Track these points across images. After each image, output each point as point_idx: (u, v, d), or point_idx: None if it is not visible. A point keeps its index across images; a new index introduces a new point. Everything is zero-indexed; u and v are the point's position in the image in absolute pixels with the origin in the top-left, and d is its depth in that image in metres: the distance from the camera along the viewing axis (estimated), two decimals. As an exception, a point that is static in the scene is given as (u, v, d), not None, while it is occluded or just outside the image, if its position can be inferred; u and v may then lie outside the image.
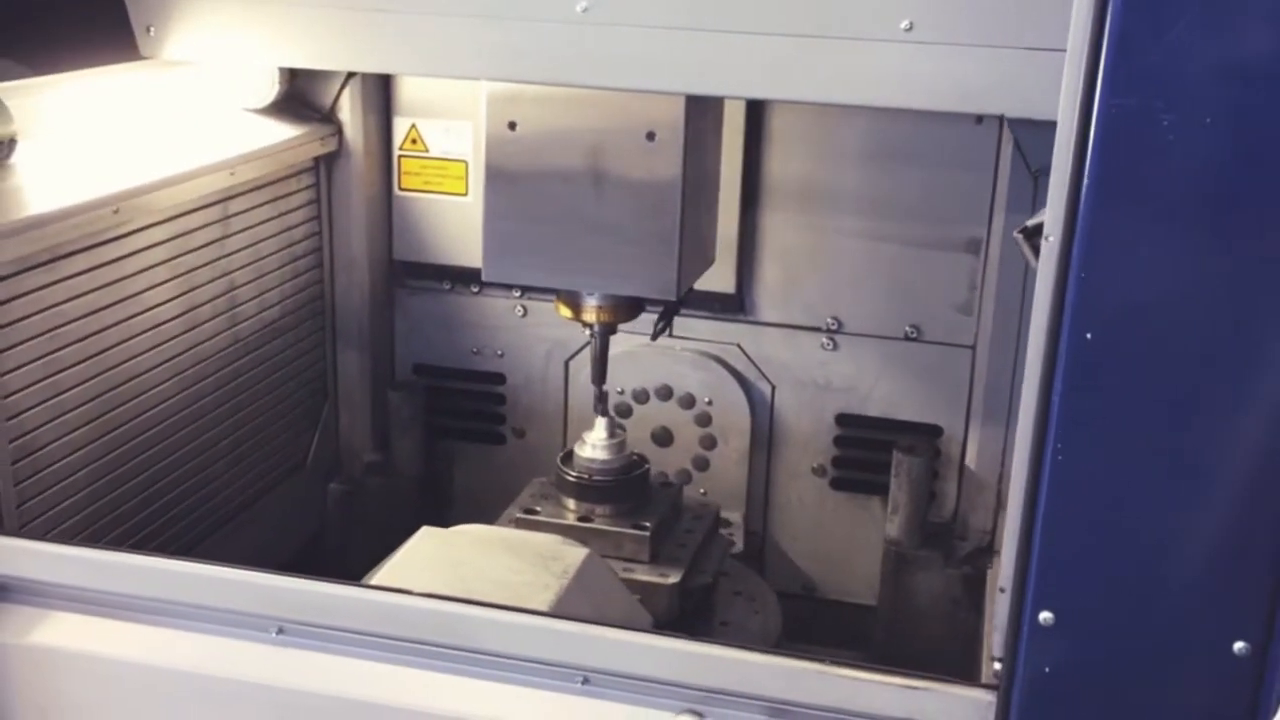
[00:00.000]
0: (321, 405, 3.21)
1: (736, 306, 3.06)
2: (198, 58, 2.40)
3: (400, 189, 3.19)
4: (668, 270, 2.43)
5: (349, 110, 3.04)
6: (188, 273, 2.64)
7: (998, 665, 1.63)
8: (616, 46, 2.00)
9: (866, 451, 3.08)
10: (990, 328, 2.87)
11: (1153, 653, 1.56)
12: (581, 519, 2.63)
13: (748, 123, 2.92)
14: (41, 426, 2.30)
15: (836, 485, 3.14)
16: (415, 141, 3.14)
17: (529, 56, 2.05)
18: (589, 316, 2.58)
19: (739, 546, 3.09)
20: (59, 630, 1.96)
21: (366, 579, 2.21)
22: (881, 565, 3.01)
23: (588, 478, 2.64)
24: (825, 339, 3.04)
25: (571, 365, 3.21)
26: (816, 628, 3.14)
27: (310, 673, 1.87)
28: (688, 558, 2.62)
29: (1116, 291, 1.45)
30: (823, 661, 1.72)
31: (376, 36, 2.12)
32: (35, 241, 2.19)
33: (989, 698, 1.64)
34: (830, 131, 2.91)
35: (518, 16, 2.03)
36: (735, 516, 3.13)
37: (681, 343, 3.12)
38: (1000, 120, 2.75)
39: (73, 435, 2.38)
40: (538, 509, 2.67)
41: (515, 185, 2.45)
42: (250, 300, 2.86)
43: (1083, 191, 1.43)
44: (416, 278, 3.25)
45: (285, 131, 2.90)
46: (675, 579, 2.54)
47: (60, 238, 2.25)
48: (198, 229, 2.65)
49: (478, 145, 2.90)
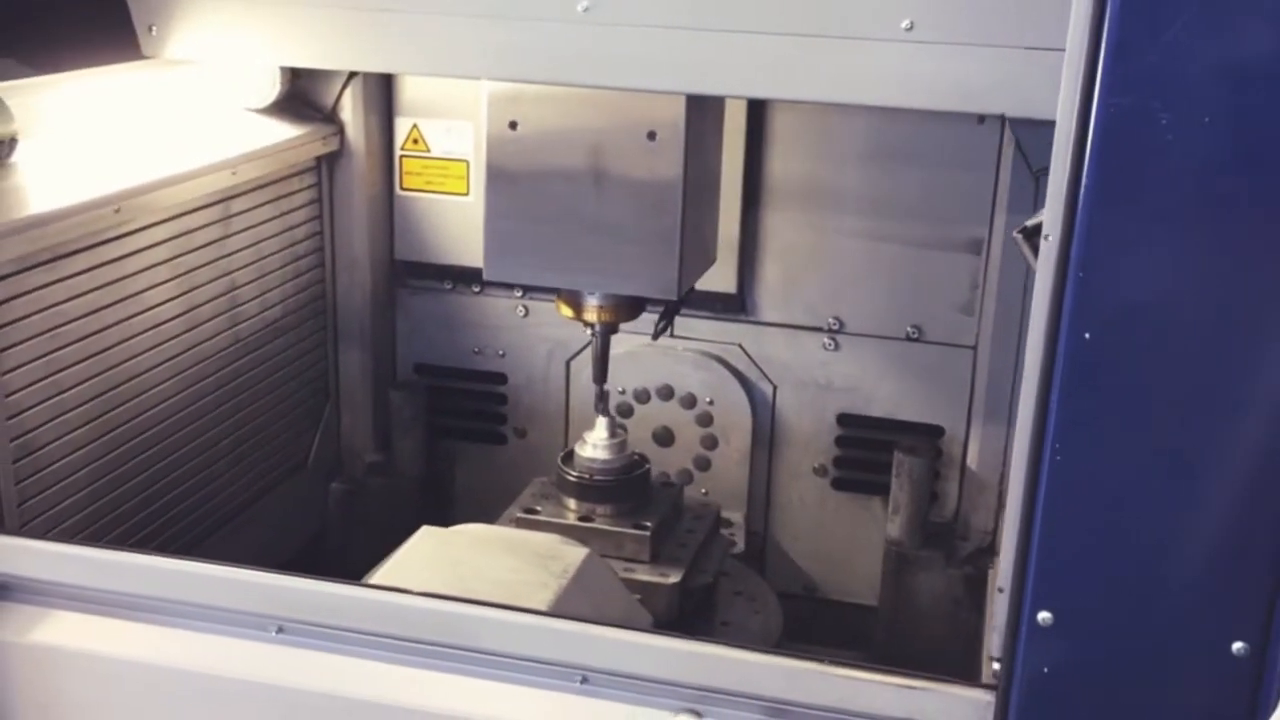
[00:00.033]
0: (323, 405, 3.21)
1: (738, 306, 3.06)
2: (199, 57, 2.40)
3: (402, 189, 3.19)
4: (669, 270, 2.43)
5: (350, 110, 3.05)
6: (189, 272, 2.64)
7: (996, 665, 1.63)
8: (618, 46, 2.00)
9: (868, 452, 3.08)
10: (992, 328, 2.87)
11: (1152, 653, 1.56)
12: (582, 519, 2.63)
13: (749, 122, 2.91)
14: (42, 426, 2.30)
15: (838, 485, 3.14)
16: (417, 141, 3.15)
17: (530, 56, 2.05)
18: (590, 316, 2.58)
19: (740, 546, 3.09)
20: (60, 629, 1.96)
21: (366, 578, 2.21)
22: (882, 565, 3.00)
23: (589, 477, 2.65)
24: (826, 339, 3.04)
25: (573, 365, 3.21)
26: (817, 628, 3.14)
27: (310, 672, 1.87)
28: (688, 558, 2.62)
29: (1115, 291, 1.45)
30: (821, 661, 1.72)
31: (378, 36, 2.12)
32: (36, 240, 2.20)
33: (988, 698, 1.64)
34: (831, 131, 2.91)
35: (519, 16, 2.02)
36: (736, 516, 3.13)
37: (683, 343, 3.12)
38: (1002, 120, 2.74)
39: (73, 434, 2.38)
40: (539, 509, 2.67)
41: (516, 185, 2.44)
42: (251, 300, 2.86)
43: (1081, 191, 1.43)
44: (418, 277, 3.25)
45: (287, 131, 2.90)
46: (676, 579, 2.54)
47: (61, 237, 2.25)
48: (199, 228, 2.65)
49: (479, 145, 2.90)
